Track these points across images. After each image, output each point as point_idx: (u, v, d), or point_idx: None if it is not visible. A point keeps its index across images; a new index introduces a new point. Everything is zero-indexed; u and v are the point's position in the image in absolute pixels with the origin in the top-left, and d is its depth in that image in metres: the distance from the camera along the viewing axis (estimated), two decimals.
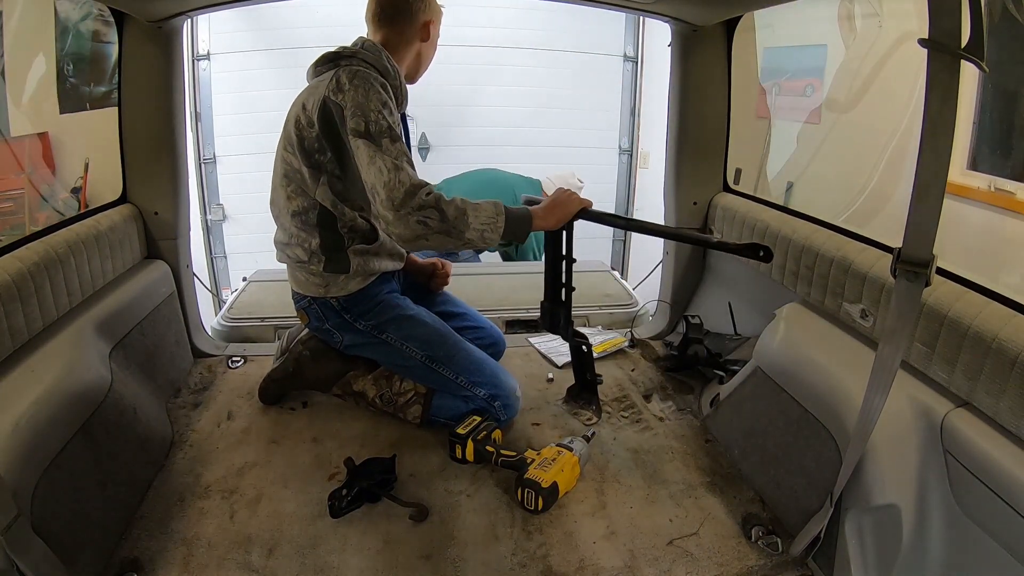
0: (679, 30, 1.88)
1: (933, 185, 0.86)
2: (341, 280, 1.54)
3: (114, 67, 1.71)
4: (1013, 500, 0.89)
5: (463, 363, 1.59)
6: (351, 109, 1.34)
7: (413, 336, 1.58)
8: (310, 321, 1.63)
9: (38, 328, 1.29)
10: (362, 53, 1.47)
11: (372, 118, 1.33)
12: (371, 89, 1.35)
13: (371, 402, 1.64)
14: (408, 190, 1.28)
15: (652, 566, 1.19)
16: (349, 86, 1.35)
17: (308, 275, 1.55)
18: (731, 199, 1.93)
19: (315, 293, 1.56)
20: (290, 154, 1.47)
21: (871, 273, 1.30)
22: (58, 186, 2.42)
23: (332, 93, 1.36)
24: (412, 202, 1.27)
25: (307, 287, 1.57)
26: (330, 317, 1.58)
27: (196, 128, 3.70)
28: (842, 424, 1.18)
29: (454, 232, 1.31)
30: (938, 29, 0.80)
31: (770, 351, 1.47)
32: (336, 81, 1.37)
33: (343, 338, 1.61)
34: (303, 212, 1.51)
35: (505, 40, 3.95)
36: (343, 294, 1.55)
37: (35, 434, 1.06)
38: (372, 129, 1.33)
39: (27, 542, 0.93)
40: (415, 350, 1.58)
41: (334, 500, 1.29)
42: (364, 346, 1.62)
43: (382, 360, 1.65)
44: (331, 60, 1.47)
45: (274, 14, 3.72)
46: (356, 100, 1.34)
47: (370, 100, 1.34)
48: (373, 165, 1.31)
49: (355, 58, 1.45)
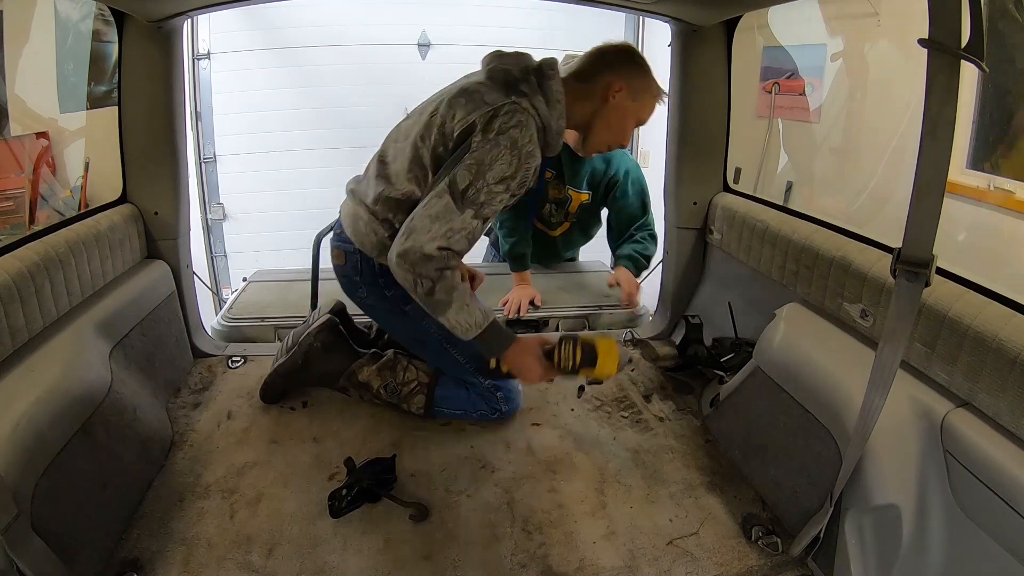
0: (679, 30, 1.88)
1: (933, 185, 0.86)
2: None
3: (114, 67, 1.71)
4: (1013, 500, 0.89)
5: (475, 350, 1.57)
6: (471, 160, 1.26)
7: None
8: (344, 264, 1.57)
9: (38, 328, 1.29)
10: (537, 98, 1.34)
11: (477, 185, 1.26)
12: (502, 157, 1.27)
13: (376, 393, 1.65)
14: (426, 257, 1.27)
15: (652, 566, 1.19)
16: (493, 138, 1.26)
17: (371, 231, 1.47)
18: (731, 199, 1.93)
19: (366, 250, 1.51)
20: (428, 150, 1.38)
21: (871, 273, 1.30)
22: (58, 186, 2.42)
23: (480, 128, 1.28)
24: (422, 268, 1.27)
25: (362, 240, 1.50)
26: (365, 273, 1.55)
27: (196, 128, 3.70)
28: (842, 424, 1.18)
29: (430, 307, 1.33)
30: (938, 29, 0.80)
31: (770, 351, 1.47)
32: (489, 121, 1.28)
33: (367, 295, 1.58)
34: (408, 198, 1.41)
35: (505, 40, 3.93)
36: None
37: (35, 434, 1.06)
38: (468, 194, 1.27)
39: (27, 542, 0.93)
40: (432, 327, 1.54)
41: (334, 500, 1.29)
42: (384, 312, 1.60)
43: (396, 331, 1.65)
44: (506, 84, 1.36)
45: (274, 14, 3.72)
46: (482, 156, 1.26)
47: (493, 167, 1.27)
48: (433, 223, 1.27)
49: (529, 99, 1.33)
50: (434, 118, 1.38)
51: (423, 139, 1.39)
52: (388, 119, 4.01)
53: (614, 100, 1.44)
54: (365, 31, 3.81)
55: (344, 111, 3.91)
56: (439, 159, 1.36)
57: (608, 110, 1.45)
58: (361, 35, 3.81)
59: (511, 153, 1.28)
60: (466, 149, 1.28)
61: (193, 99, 3.64)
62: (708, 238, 2.04)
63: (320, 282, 2.23)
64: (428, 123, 1.39)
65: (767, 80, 2.74)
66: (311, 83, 3.83)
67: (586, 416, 1.70)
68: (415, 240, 1.27)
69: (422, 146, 1.39)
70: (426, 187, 1.38)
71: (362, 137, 3.99)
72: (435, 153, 1.36)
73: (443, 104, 1.37)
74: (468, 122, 1.30)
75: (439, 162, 1.36)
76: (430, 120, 1.39)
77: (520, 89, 1.35)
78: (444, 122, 1.34)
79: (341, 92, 3.87)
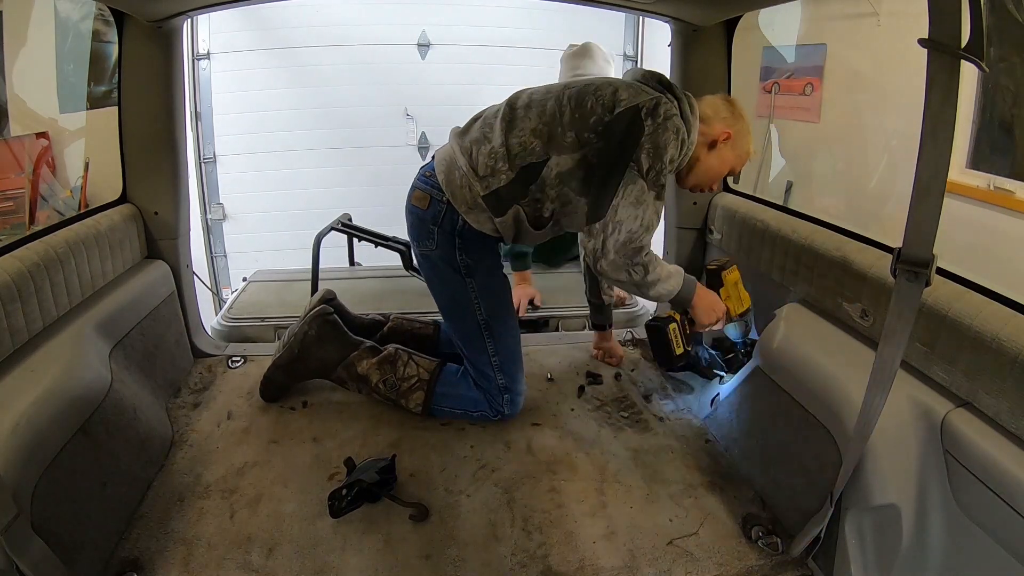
0: (679, 30, 1.88)
1: (933, 185, 0.86)
2: (485, 216, 1.45)
3: (114, 67, 1.71)
4: (1013, 500, 0.89)
5: (507, 347, 1.60)
6: (648, 144, 1.33)
7: (490, 296, 1.56)
8: (426, 209, 1.50)
9: (38, 328, 1.29)
10: (684, 104, 1.40)
11: (657, 167, 1.34)
12: (671, 140, 1.34)
13: (374, 387, 1.64)
14: (640, 248, 1.37)
15: (652, 566, 1.19)
16: (661, 122, 1.33)
17: (467, 185, 1.43)
18: (731, 199, 1.93)
19: (456, 203, 1.46)
20: (570, 109, 1.39)
21: (871, 273, 1.30)
22: (58, 186, 2.42)
23: (645, 112, 1.33)
24: (636, 257, 1.37)
25: (454, 192, 1.45)
26: (445, 226, 1.49)
27: (196, 128, 3.70)
28: (842, 424, 1.18)
29: (644, 291, 1.43)
30: (938, 29, 0.80)
31: (770, 351, 1.47)
32: (655, 107, 1.33)
33: (435, 247, 1.52)
34: (524, 150, 1.40)
35: (505, 40, 3.95)
36: (474, 226, 1.47)
37: (35, 434, 1.06)
38: (650, 176, 1.34)
39: (27, 541, 0.93)
40: (482, 309, 1.55)
41: (334, 500, 1.29)
42: (440, 274, 1.55)
43: (443, 295, 1.60)
44: (663, 84, 1.42)
45: (274, 14, 3.72)
46: (656, 140, 1.32)
47: (667, 149, 1.33)
48: (636, 208, 1.35)
49: (680, 103, 1.39)
50: (588, 88, 1.40)
51: (571, 100, 1.40)
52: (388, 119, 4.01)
53: (718, 148, 1.49)
54: (365, 31, 3.81)
55: (344, 111, 3.91)
56: (586, 124, 1.37)
57: (710, 155, 1.49)
58: (361, 35, 3.81)
59: (676, 137, 1.35)
60: (639, 130, 1.32)
61: (193, 99, 3.63)
62: (708, 238, 2.04)
63: (320, 282, 2.23)
64: (583, 90, 1.40)
65: (767, 80, 2.74)
66: (311, 83, 3.83)
67: (586, 416, 1.70)
68: (629, 231, 1.35)
69: (566, 104, 1.40)
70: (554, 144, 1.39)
71: (362, 137, 4.02)
72: (585, 116, 1.37)
73: (601, 81, 1.42)
74: (634, 102, 1.34)
75: (584, 125, 1.37)
76: (586, 88, 1.41)
77: (674, 91, 1.41)
78: (605, 94, 1.37)
79: (341, 92, 3.87)
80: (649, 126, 1.33)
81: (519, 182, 1.42)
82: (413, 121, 3.93)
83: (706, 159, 1.49)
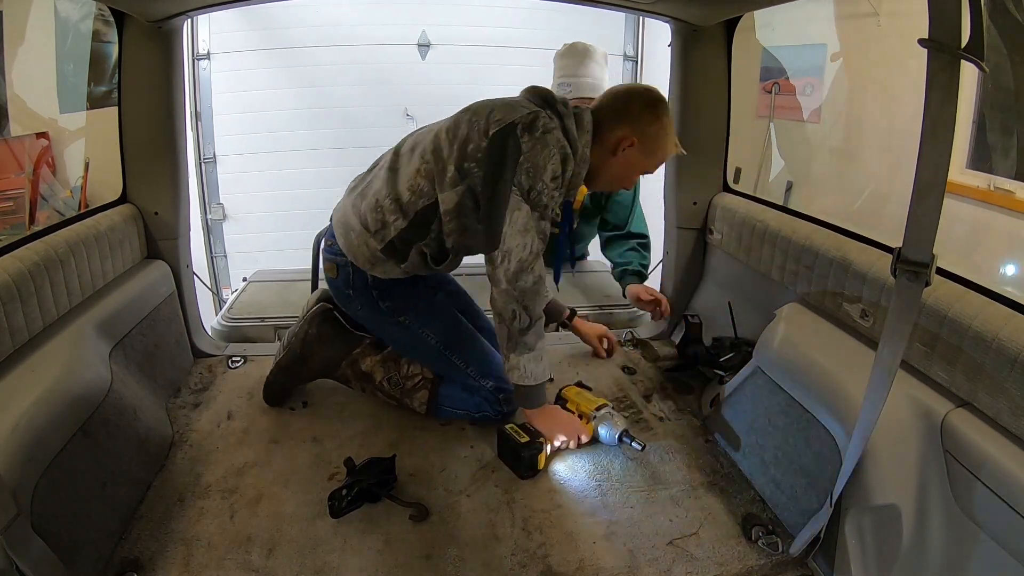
0: (679, 30, 1.88)
1: (933, 185, 0.86)
2: (389, 265, 1.49)
3: (114, 67, 1.71)
4: (1013, 500, 0.89)
5: (476, 354, 1.59)
6: (527, 164, 1.30)
7: (432, 322, 1.58)
8: (336, 277, 1.57)
9: (38, 328, 1.29)
10: (569, 120, 1.38)
11: (538, 187, 1.31)
12: (552, 156, 1.31)
13: (378, 385, 1.64)
14: (535, 281, 1.35)
15: (652, 566, 1.19)
16: (539, 137, 1.30)
17: (363, 244, 1.47)
18: (731, 199, 1.93)
19: (358, 262, 1.51)
20: (447, 142, 1.38)
21: (871, 273, 1.30)
22: (58, 186, 2.42)
23: (521, 128, 1.30)
24: (527, 294, 1.35)
25: (354, 252, 1.50)
26: (358, 287, 1.55)
27: (196, 128, 3.71)
28: (842, 424, 1.18)
29: (513, 343, 1.38)
30: (938, 29, 0.80)
31: (770, 351, 1.47)
32: (532, 121, 1.30)
33: (360, 309, 1.58)
34: (414, 195, 1.41)
35: (505, 40, 3.95)
36: (383, 277, 1.52)
37: (35, 434, 1.06)
38: (532, 197, 1.32)
39: (27, 541, 0.93)
40: (431, 335, 1.57)
41: (334, 500, 1.29)
42: (379, 323, 1.61)
43: (393, 341, 1.64)
44: (545, 100, 1.40)
45: (274, 14, 3.72)
46: (535, 158, 1.29)
47: (547, 167, 1.31)
48: (524, 235, 1.32)
49: (563, 120, 1.37)
50: (466, 115, 1.39)
51: (449, 132, 1.38)
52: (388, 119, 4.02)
53: (621, 154, 1.44)
54: (365, 31, 3.81)
55: (344, 111, 3.91)
56: (464, 153, 1.35)
57: (614, 162, 1.45)
58: (361, 35, 3.81)
59: (557, 152, 1.31)
60: (517, 150, 1.29)
61: (193, 99, 3.64)
62: (708, 238, 2.04)
63: (320, 282, 2.23)
64: (458, 119, 1.39)
65: (767, 80, 2.74)
66: (311, 83, 3.83)
67: None
68: (519, 260, 1.32)
69: (443, 138, 1.38)
70: (440, 182, 1.37)
71: (362, 137, 4.02)
72: (463, 146, 1.35)
73: (479, 105, 1.39)
74: (509, 120, 1.31)
75: (463, 155, 1.35)
76: (460, 116, 1.40)
77: (556, 107, 1.38)
78: (480, 118, 1.35)
79: (341, 92, 3.87)
80: (527, 142, 1.29)
81: (416, 226, 1.43)
82: (413, 121, 3.93)
83: (610, 165, 1.45)
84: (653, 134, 1.43)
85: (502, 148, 1.30)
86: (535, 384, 1.42)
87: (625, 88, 1.49)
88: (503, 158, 1.30)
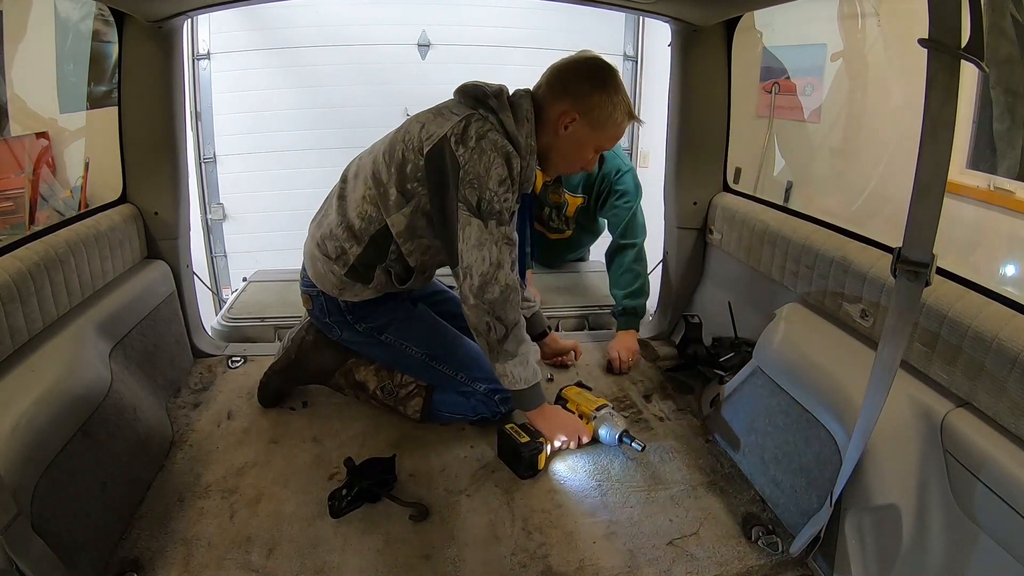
0: (679, 30, 1.88)
1: (933, 185, 0.86)
2: (357, 288, 1.52)
3: (114, 67, 1.71)
4: (1013, 500, 0.89)
5: (463, 359, 1.59)
6: (468, 176, 1.25)
7: (412, 335, 1.59)
8: (312, 308, 1.61)
9: (38, 328, 1.29)
10: (505, 113, 1.32)
11: (487, 196, 1.26)
12: (494, 161, 1.26)
13: (372, 394, 1.64)
14: (501, 291, 1.31)
15: (652, 566, 1.19)
16: (474, 146, 1.25)
17: (328, 271, 1.50)
18: (731, 199, 1.93)
19: (327, 290, 1.54)
20: (385, 165, 1.37)
21: (871, 273, 1.30)
22: (58, 186, 2.42)
23: (454, 141, 1.26)
24: (497, 305, 1.32)
25: (322, 280, 1.53)
26: (333, 313, 1.58)
27: (196, 128, 3.70)
28: (842, 424, 1.18)
29: (495, 353, 1.37)
30: (938, 29, 0.80)
31: (770, 351, 1.47)
32: (464, 130, 1.27)
33: (342, 333, 1.61)
34: (364, 221, 1.42)
35: (505, 40, 3.95)
36: (353, 300, 1.55)
37: (35, 434, 1.06)
38: (483, 208, 1.27)
39: (27, 541, 0.93)
40: (414, 348, 1.58)
41: (334, 500, 1.29)
42: (363, 344, 1.63)
43: (381, 358, 1.65)
44: (476, 98, 1.35)
45: (274, 14, 3.71)
46: (475, 168, 1.25)
47: (490, 174, 1.25)
48: (480, 249, 1.29)
49: (496, 115, 1.32)
50: (399, 134, 1.38)
51: (386, 155, 1.38)
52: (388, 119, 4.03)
53: (565, 132, 1.36)
54: (365, 31, 3.81)
55: (344, 111, 3.91)
56: (404, 175, 1.34)
57: (560, 141, 1.38)
58: (361, 35, 3.81)
59: (499, 155, 1.26)
60: (454, 163, 1.26)
61: (193, 99, 3.63)
62: (708, 238, 2.04)
63: None
64: (393, 140, 1.39)
65: (767, 80, 2.74)
66: (311, 83, 3.82)
67: None
68: (481, 274, 1.30)
69: (381, 162, 1.38)
70: (385, 206, 1.38)
71: (362, 137, 3.97)
72: (401, 167, 1.34)
73: (411, 122, 1.37)
74: (440, 134, 1.28)
75: (403, 177, 1.34)
76: (395, 136, 1.39)
77: (488, 104, 1.33)
78: (412, 136, 1.33)
79: (341, 92, 3.87)
80: (463, 154, 1.25)
81: (373, 250, 1.44)
82: None
83: (558, 145, 1.38)
84: (596, 104, 1.33)
85: (440, 165, 1.28)
86: (527, 387, 1.41)
87: (562, 61, 1.40)
88: (443, 175, 1.28)
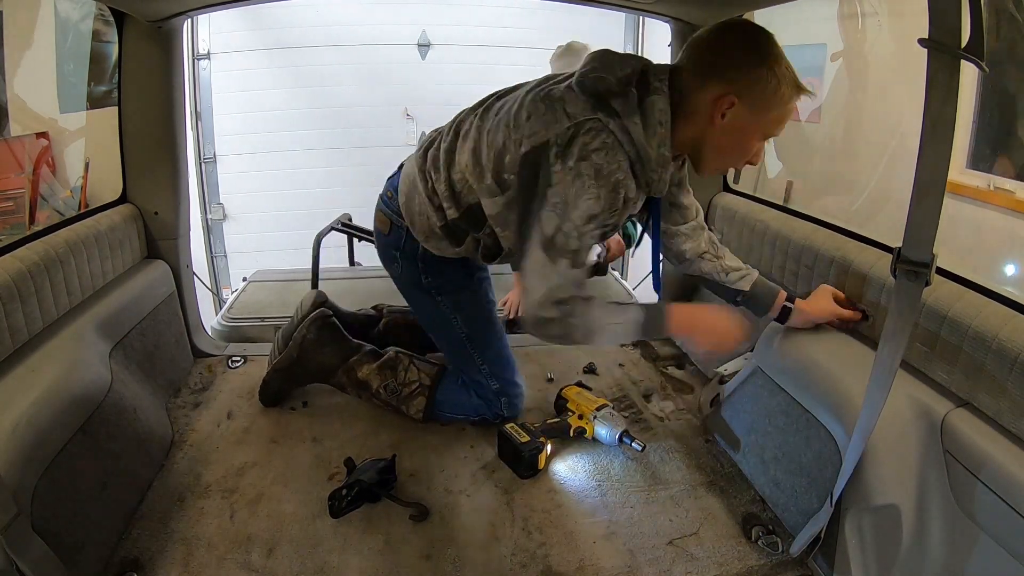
0: (679, 30, 1.88)
1: (933, 185, 0.86)
2: (444, 244, 1.40)
3: (114, 67, 1.71)
4: (1013, 500, 0.89)
5: (495, 353, 1.58)
6: (555, 198, 1.08)
7: (465, 311, 1.53)
8: (388, 234, 1.47)
9: (38, 328, 1.29)
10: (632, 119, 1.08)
11: (565, 229, 1.08)
12: (587, 190, 1.06)
13: (375, 392, 1.63)
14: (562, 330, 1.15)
15: (652, 566, 1.19)
16: (573, 166, 1.06)
17: (424, 214, 1.36)
18: (731, 199, 1.93)
19: (415, 231, 1.41)
20: (487, 147, 1.22)
21: (871, 273, 1.30)
22: (58, 186, 2.42)
23: (555, 153, 1.08)
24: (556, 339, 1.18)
25: (414, 218, 1.39)
26: (407, 251, 1.46)
27: (196, 128, 3.71)
28: (842, 424, 1.18)
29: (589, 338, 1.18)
30: (938, 29, 0.80)
31: (770, 351, 1.47)
32: (569, 141, 1.07)
33: (401, 273, 1.51)
34: (464, 188, 1.28)
35: (505, 40, 3.95)
36: (435, 252, 1.43)
37: (35, 434, 1.06)
38: (557, 242, 1.09)
39: (27, 541, 0.93)
40: (460, 324, 1.53)
41: (334, 500, 1.29)
42: (412, 292, 1.55)
43: (421, 315, 1.60)
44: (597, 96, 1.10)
45: (274, 14, 3.72)
46: (565, 193, 1.07)
47: (578, 204, 1.07)
48: (539, 279, 1.13)
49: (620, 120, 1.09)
50: (508, 116, 1.19)
51: (489, 135, 1.23)
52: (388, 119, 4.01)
53: (723, 121, 1.10)
54: (365, 31, 3.82)
55: (344, 111, 3.91)
56: (502, 163, 1.20)
57: (717, 133, 1.12)
58: (361, 35, 3.82)
59: (597, 184, 1.07)
60: (548, 176, 1.09)
61: (193, 99, 3.64)
62: None
63: (320, 282, 2.23)
64: (498, 122, 1.22)
65: None
66: (311, 83, 3.83)
67: None
68: (530, 302, 1.16)
69: (484, 141, 1.23)
70: (479, 187, 1.26)
71: (362, 137, 4.02)
72: (500, 155, 1.20)
73: (517, 108, 1.17)
74: (544, 138, 1.10)
75: (500, 166, 1.21)
76: (501, 118, 1.22)
77: (611, 106, 1.09)
78: (515, 127, 1.16)
79: (341, 92, 3.87)
80: (558, 172, 1.07)
81: (468, 219, 1.32)
82: (413, 121, 3.93)
83: (713, 139, 1.14)
84: (758, 78, 1.07)
85: (533, 174, 1.13)
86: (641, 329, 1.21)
87: (706, 31, 1.13)
88: (532, 187, 1.13)
